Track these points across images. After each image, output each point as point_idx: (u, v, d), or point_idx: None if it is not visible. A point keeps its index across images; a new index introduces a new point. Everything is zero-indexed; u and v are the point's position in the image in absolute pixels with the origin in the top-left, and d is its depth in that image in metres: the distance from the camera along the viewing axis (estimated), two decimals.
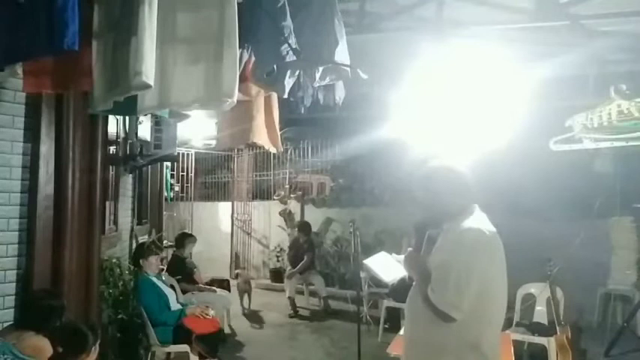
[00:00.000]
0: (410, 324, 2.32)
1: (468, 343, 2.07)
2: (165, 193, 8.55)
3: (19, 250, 3.14)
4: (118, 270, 4.72)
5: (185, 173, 10.45)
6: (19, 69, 2.29)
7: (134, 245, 6.08)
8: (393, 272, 2.86)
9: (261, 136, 4.22)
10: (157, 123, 5.19)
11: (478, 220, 2.15)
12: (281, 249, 9.11)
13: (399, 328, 4.29)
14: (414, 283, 2.31)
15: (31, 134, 3.17)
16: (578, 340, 4.50)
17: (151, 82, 1.90)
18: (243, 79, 2.69)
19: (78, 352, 2.50)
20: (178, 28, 2.12)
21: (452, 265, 2.04)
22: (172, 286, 5.19)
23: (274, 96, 4.10)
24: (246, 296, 7.33)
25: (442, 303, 2.03)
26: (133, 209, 6.45)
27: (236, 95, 2.08)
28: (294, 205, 9.44)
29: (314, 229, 8.47)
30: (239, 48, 2.37)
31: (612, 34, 4.50)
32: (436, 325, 2.08)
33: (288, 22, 2.46)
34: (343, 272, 8.23)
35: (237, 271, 7.97)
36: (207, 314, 4.69)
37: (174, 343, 4.40)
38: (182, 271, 6.04)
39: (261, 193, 10.43)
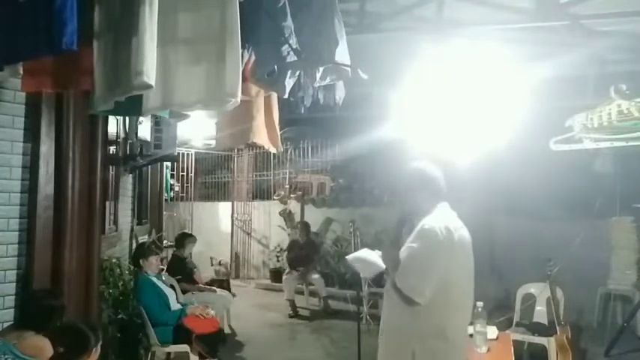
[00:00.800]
0: (384, 313, 2.57)
1: (434, 328, 2.29)
2: (165, 194, 8.55)
3: (19, 250, 3.14)
4: (118, 270, 4.72)
5: (185, 173, 10.45)
6: (20, 69, 2.28)
7: (134, 245, 6.08)
8: (373, 268, 2.97)
9: (261, 136, 4.22)
10: (157, 123, 5.20)
11: (443, 217, 2.37)
12: (281, 249, 9.11)
13: None
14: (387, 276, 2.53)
15: (31, 134, 3.17)
16: (578, 340, 4.51)
17: (152, 82, 1.90)
18: (243, 79, 2.68)
19: (79, 353, 2.50)
20: (180, 29, 2.12)
21: (415, 256, 2.29)
22: (172, 286, 5.18)
23: (274, 96, 4.10)
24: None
25: (407, 288, 2.29)
26: (133, 209, 6.45)
27: (239, 95, 2.08)
28: (294, 205, 9.44)
29: (314, 229, 8.48)
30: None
31: (612, 34, 4.50)
32: (405, 312, 2.33)
33: (289, 22, 2.46)
34: (343, 272, 8.22)
35: (218, 262, 8.27)
36: (207, 314, 4.69)
37: (174, 343, 4.40)
38: (182, 271, 6.04)
39: (261, 193, 10.43)
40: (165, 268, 6.02)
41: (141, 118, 5.00)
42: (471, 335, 3.22)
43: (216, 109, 2.26)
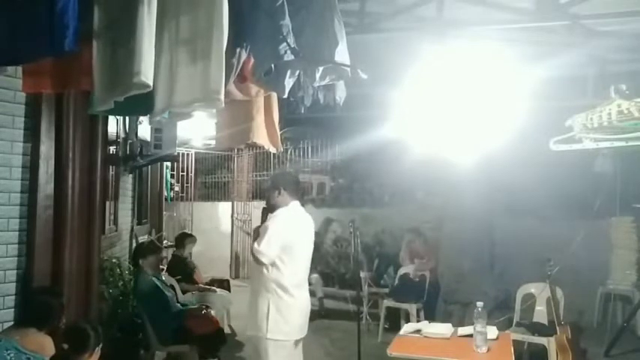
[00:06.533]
0: (251, 274, 3.57)
1: (278, 284, 3.20)
2: (165, 193, 8.54)
3: (19, 250, 3.14)
4: (118, 270, 4.72)
5: (185, 173, 10.45)
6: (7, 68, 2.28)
7: (134, 245, 6.08)
8: None
9: (261, 136, 4.22)
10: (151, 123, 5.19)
11: (290, 210, 3.36)
12: None
13: (399, 328, 4.30)
14: None
15: (31, 134, 3.17)
16: (578, 340, 4.51)
17: (150, 81, 1.90)
18: (242, 79, 2.68)
19: (80, 351, 2.52)
20: (179, 28, 2.11)
21: (267, 229, 3.22)
22: (172, 286, 5.18)
23: (274, 96, 4.09)
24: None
25: (257, 251, 3.18)
26: (133, 209, 6.45)
27: (222, 92, 2.05)
28: None
29: (314, 229, 8.44)
30: (237, 47, 2.37)
31: (612, 34, 4.50)
32: (260, 273, 3.24)
33: (287, 21, 2.45)
34: (343, 272, 8.22)
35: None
36: (206, 314, 4.68)
37: (174, 343, 4.39)
38: (182, 271, 6.03)
39: (261, 193, 10.41)
40: (165, 268, 6.01)
41: (141, 118, 5.01)
42: (471, 335, 3.24)
43: (206, 108, 2.24)
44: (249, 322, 3.33)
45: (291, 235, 3.26)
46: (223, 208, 10.66)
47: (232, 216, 10.43)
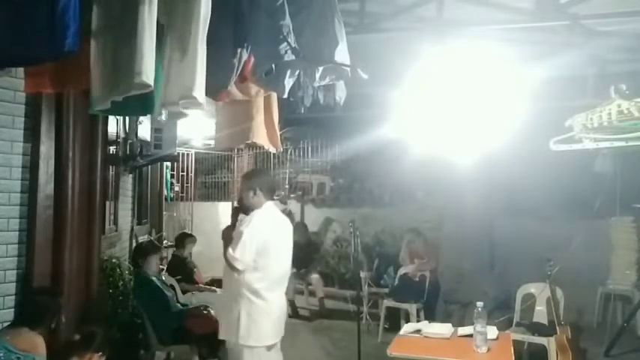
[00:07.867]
0: (223, 280, 3.41)
1: (250, 289, 3.11)
2: (165, 193, 8.54)
3: (19, 250, 3.14)
4: (118, 270, 4.72)
5: (185, 173, 10.44)
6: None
7: (134, 245, 6.08)
8: None
9: (261, 136, 4.21)
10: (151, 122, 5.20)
11: (264, 211, 3.26)
12: None
13: (399, 328, 4.30)
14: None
15: (31, 134, 3.17)
16: (578, 340, 4.51)
17: (151, 81, 1.90)
18: (242, 79, 2.68)
19: (83, 346, 2.54)
20: (173, 26, 2.10)
21: (241, 234, 3.07)
22: (172, 286, 5.18)
23: (274, 95, 4.08)
24: None
25: (232, 257, 3.06)
26: (133, 209, 6.45)
27: (197, 90, 2.03)
28: (293, 205, 9.43)
29: (314, 229, 8.44)
30: (238, 47, 2.37)
31: (612, 34, 4.50)
32: (231, 277, 3.15)
33: (287, 21, 2.45)
34: (343, 272, 8.23)
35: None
36: (207, 314, 4.68)
37: (175, 343, 4.39)
38: (182, 271, 6.04)
39: None
40: (165, 268, 6.01)
41: (141, 118, 5.00)
42: (471, 335, 3.24)
43: (191, 108, 2.21)
44: (222, 327, 3.26)
45: (266, 238, 3.16)
46: (223, 208, 10.64)
47: None
